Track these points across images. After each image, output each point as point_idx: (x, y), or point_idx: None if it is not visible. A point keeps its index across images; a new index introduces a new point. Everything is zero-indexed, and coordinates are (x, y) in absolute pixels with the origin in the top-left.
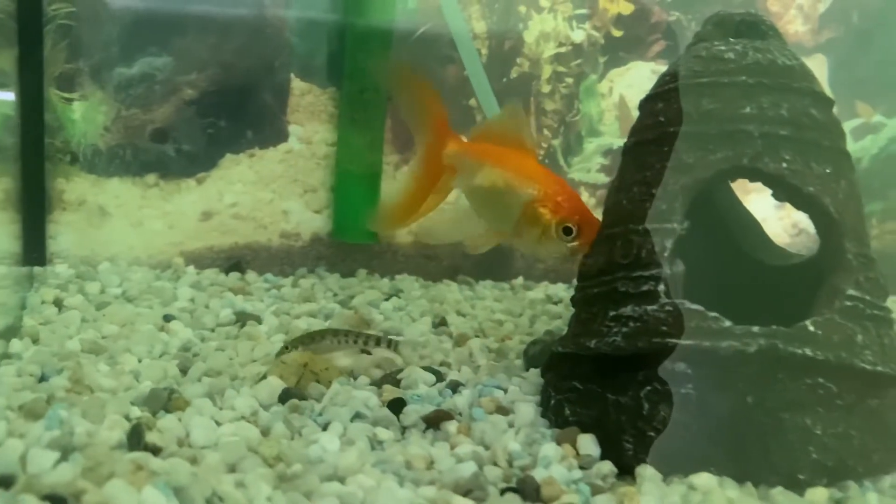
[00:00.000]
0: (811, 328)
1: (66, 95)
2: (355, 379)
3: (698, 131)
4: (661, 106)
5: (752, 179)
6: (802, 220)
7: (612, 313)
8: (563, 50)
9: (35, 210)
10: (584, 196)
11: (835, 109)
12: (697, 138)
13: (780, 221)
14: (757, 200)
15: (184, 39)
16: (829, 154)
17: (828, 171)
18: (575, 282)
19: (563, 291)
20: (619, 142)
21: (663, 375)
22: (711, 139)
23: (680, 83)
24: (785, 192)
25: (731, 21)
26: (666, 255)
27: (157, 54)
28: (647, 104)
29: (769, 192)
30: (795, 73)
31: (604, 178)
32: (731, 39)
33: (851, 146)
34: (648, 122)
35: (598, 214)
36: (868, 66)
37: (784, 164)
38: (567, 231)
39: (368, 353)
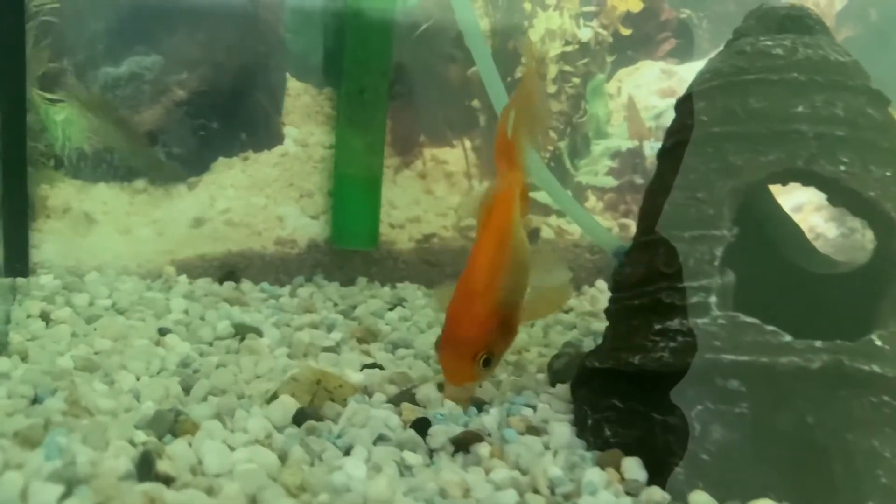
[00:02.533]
0: (878, 342)
1: (50, 96)
2: (370, 396)
3: (747, 131)
4: (702, 105)
5: (806, 183)
6: (820, 224)
7: (656, 327)
8: (569, 49)
9: (17, 217)
10: (592, 200)
11: (891, 109)
12: (746, 139)
13: None
14: None
15: (174, 37)
16: (887, 156)
17: (887, 174)
18: (583, 291)
19: (573, 300)
20: (627, 144)
21: (715, 393)
22: (762, 140)
23: (724, 80)
24: (841, 196)
25: (776, 15)
26: (716, 263)
27: (146, 53)
28: (686, 103)
29: (785, 194)
30: (849, 69)
31: (612, 182)
32: (777, 35)
33: None
34: (689, 122)
35: (608, 217)
36: (886, 65)
37: (842, 167)
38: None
39: None
